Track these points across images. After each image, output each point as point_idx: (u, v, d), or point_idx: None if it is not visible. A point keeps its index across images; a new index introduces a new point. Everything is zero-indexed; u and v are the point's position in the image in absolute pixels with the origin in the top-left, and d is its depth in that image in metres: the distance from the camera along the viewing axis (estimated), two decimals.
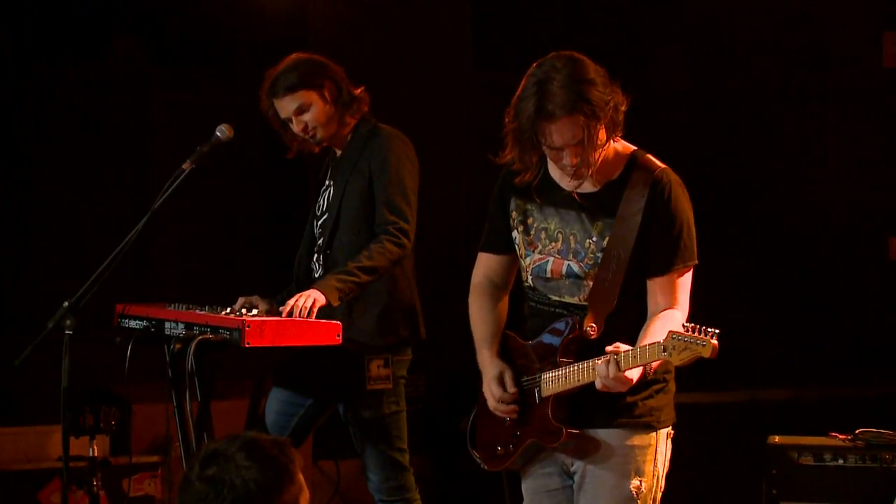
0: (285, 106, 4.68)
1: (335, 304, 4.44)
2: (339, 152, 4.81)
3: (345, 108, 4.71)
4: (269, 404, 4.85)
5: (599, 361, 3.47)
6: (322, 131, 4.70)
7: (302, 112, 4.67)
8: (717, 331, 3.29)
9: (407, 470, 4.79)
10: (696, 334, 3.29)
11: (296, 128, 4.69)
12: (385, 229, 4.59)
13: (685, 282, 3.61)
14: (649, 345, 3.42)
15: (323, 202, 4.82)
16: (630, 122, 3.59)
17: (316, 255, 4.79)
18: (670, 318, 3.53)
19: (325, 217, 4.78)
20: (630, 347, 3.44)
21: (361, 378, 4.65)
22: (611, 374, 3.42)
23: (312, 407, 4.78)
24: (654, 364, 3.48)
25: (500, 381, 3.74)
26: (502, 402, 3.73)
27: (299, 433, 4.79)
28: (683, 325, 3.34)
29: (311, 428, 4.85)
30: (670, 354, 3.33)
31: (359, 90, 4.75)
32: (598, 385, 3.47)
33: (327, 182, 4.84)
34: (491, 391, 3.75)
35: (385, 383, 4.68)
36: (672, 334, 3.33)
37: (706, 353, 3.28)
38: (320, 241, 4.77)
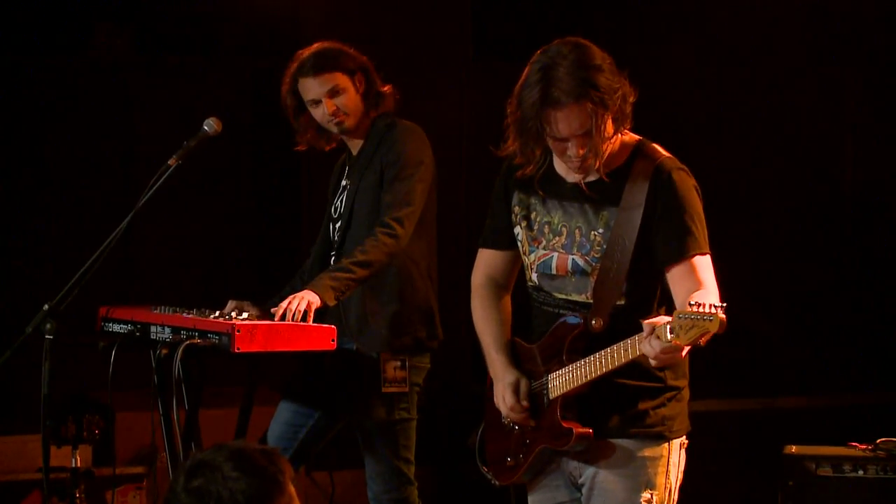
0: (317, 86, 4.68)
1: (331, 303, 4.43)
2: (354, 151, 4.83)
3: (371, 104, 4.74)
4: (277, 415, 4.86)
5: (639, 338, 3.40)
6: (350, 120, 4.71)
7: (335, 95, 4.67)
8: (723, 304, 3.25)
9: (411, 484, 4.79)
10: (701, 310, 3.25)
11: (325, 110, 4.68)
12: (381, 221, 4.59)
13: (706, 265, 3.57)
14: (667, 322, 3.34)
15: (340, 204, 4.82)
16: (638, 115, 3.59)
17: (333, 260, 4.80)
18: (705, 296, 3.43)
19: (342, 221, 4.79)
20: (668, 318, 3.34)
21: (376, 380, 4.66)
22: (658, 350, 3.34)
23: (322, 419, 4.79)
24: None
25: (516, 390, 3.74)
26: (513, 411, 3.74)
27: (307, 446, 4.81)
28: (689, 304, 3.28)
29: (319, 441, 4.84)
30: (678, 335, 3.28)
31: (386, 87, 4.78)
32: (655, 364, 3.43)
33: (344, 182, 4.85)
34: (504, 398, 3.75)
35: (401, 386, 4.69)
36: (678, 313, 3.29)
37: (714, 328, 3.23)
38: (336, 244, 4.79)
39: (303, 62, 4.69)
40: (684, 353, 3.40)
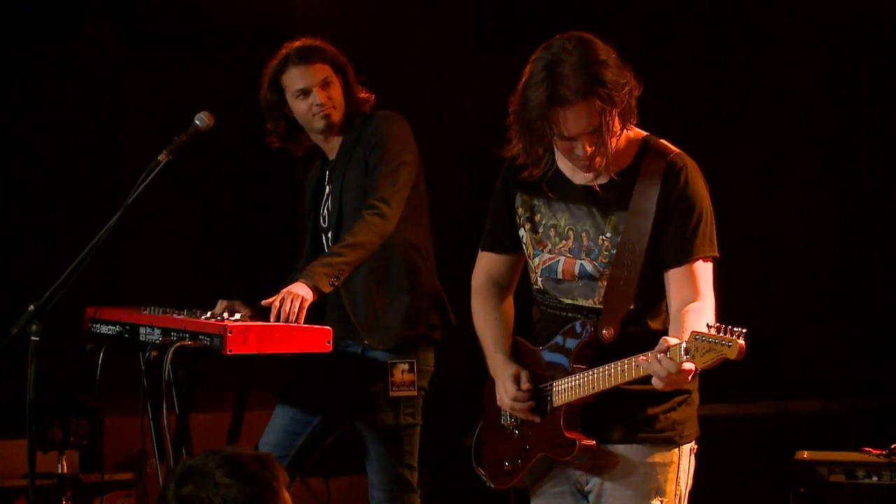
0: (309, 76, 4.70)
1: (326, 290, 4.42)
2: (331, 154, 4.83)
3: (350, 105, 4.77)
4: (272, 422, 4.85)
5: (643, 358, 3.41)
6: (337, 114, 4.73)
7: (326, 86, 4.71)
8: (744, 330, 3.25)
9: (414, 491, 4.78)
10: (720, 334, 3.25)
11: (317, 99, 4.69)
12: (367, 203, 4.60)
13: (706, 274, 3.57)
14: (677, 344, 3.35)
15: (327, 212, 4.82)
16: (644, 110, 3.59)
17: None
18: (701, 310, 3.48)
19: (332, 230, 4.78)
20: (678, 340, 3.36)
21: (383, 384, 4.67)
22: (672, 370, 3.35)
23: (321, 425, 4.79)
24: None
25: (516, 381, 3.72)
26: (517, 400, 3.71)
27: (304, 454, 4.80)
28: (707, 325, 3.30)
29: (316, 449, 4.84)
30: (693, 357, 3.29)
31: (363, 93, 4.81)
32: (660, 386, 3.42)
33: (327, 189, 4.84)
34: (505, 390, 3.73)
35: (408, 390, 4.70)
36: (695, 335, 3.29)
37: (732, 355, 3.24)
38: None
39: (291, 53, 4.72)
40: (691, 377, 3.40)
